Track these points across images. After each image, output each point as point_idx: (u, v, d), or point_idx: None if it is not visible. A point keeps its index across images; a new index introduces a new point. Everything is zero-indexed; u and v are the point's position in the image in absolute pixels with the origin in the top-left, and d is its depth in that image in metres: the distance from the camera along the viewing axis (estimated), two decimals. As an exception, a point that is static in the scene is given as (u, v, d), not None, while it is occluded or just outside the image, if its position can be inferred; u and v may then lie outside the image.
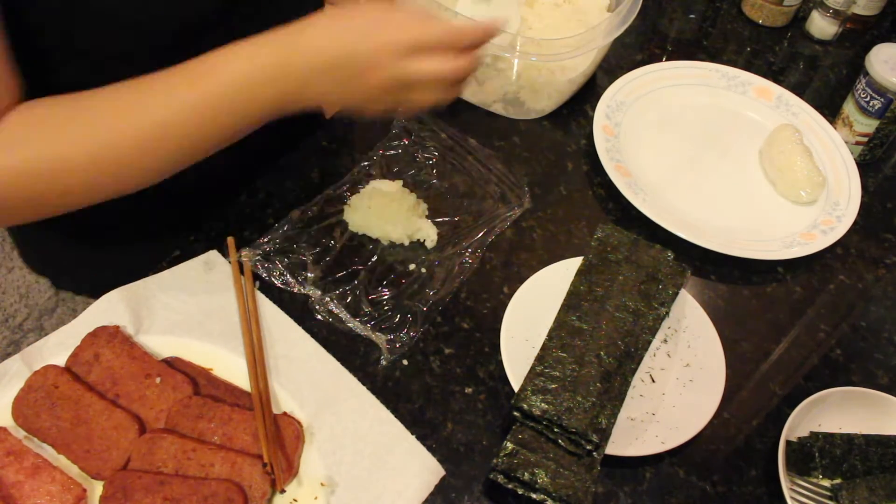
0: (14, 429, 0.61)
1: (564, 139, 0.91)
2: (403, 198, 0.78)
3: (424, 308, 0.72)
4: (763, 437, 0.68)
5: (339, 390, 0.65)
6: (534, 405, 0.61)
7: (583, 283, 0.72)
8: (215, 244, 0.75)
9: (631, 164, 0.87)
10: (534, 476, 0.59)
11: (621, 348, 0.66)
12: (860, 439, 0.65)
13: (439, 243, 0.77)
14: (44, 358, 0.65)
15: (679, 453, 0.66)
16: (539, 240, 0.80)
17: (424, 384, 0.68)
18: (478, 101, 0.92)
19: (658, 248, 0.75)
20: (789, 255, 0.79)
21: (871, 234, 0.86)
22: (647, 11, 1.11)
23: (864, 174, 0.89)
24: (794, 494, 0.63)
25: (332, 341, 0.69)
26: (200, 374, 0.65)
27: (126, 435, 0.60)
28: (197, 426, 0.61)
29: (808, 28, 1.10)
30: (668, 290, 0.72)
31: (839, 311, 0.79)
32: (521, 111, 0.91)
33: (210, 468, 0.59)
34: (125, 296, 0.69)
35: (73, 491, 0.57)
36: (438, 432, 0.65)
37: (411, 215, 0.77)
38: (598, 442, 0.60)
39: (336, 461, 0.61)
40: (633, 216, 0.81)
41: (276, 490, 0.58)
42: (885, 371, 0.74)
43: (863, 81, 0.88)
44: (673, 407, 0.67)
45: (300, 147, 0.85)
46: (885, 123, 0.89)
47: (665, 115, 0.95)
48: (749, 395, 0.71)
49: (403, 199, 0.78)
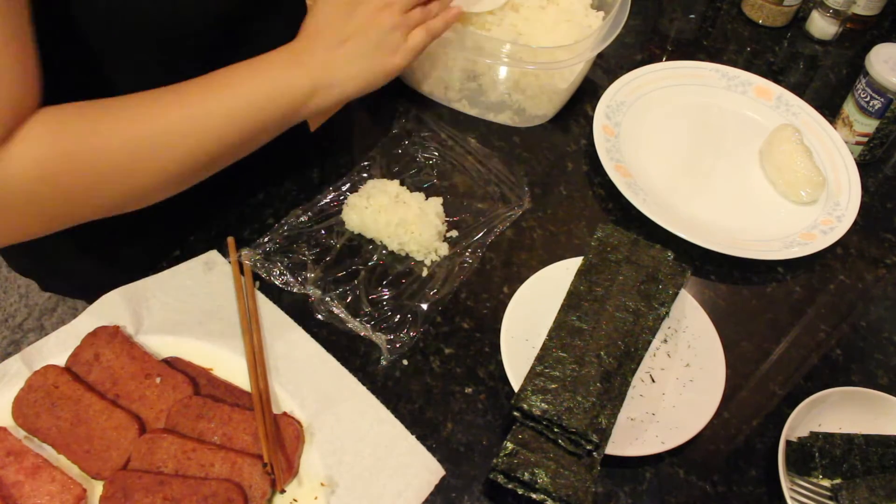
0: (14, 429, 0.61)
1: (564, 139, 0.91)
2: (425, 215, 0.76)
3: (424, 308, 0.72)
4: (763, 437, 0.68)
5: (339, 390, 0.65)
6: (534, 405, 0.61)
7: (583, 283, 0.72)
8: (215, 244, 0.75)
9: (631, 164, 0.87)
10: (534, 476, 0.59)
11: (621, 348, 0.66)
12: (860, 439, 0.65)
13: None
14: (44, 358, 0.65)
15: (679, 453, 0.66)
16: (539, 240, 0.80)
17: (424, 384, 0.68)
18: (478, 112, 0.92)
19: (658, 248, 0.75)
20: (789, 255, 0.79)
21: (871, 234, 0.86)
22: (647, 11, 1.11)
23: (864, 174, 0.89)
24: (794, 494, 0.63)
25: (332, 341, 0.69)
26: (200, 374, 0.65)
27: (126, 435, 0.60)
28: (197, 426, 0.61)
29: (808, 28, 1.10)
30: (668, 290, 0.72)
31: (839, 311, 0.79)
32: (525, 118, 0.91)
33: (210, 468, 0.59)
34: (125, 296, 0.69)
35: (73, 491, 0.57)
36: (438, 432, 0.65)
37: (433, 238, 0.76)
38: (598, 442, 0.60)
39: (336, 461, 0.61)
40: (633, 216, 0.81)
41: (276, 490, 0.58)
42: (885, 371, 0.74)
43: (863, 81, 0.88)
44: (673, 407, 0.67)
45: (300, 147, 0.85)
46: (885, 123, 0.89)
47: (665, 116, 0.95)
48: (749, 395, 0.71)
49: (426, 218, 0.76)
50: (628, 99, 0.94)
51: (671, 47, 1.08)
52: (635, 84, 0.95)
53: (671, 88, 0.97)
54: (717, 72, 0.99)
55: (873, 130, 0.90)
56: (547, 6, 0.90)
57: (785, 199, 0.88)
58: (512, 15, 0.88)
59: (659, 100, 0.96)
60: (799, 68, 1.07)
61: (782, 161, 0.87)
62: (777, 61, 1.07)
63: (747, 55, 1.07)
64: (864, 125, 0.90)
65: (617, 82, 0.94)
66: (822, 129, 0.93)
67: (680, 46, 1.08)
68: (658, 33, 1.10)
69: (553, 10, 0.90)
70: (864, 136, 0.91)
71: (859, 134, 0.91)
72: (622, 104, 0.93)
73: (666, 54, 1.05)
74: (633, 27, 1.08)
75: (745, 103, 0.97)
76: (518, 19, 0.88)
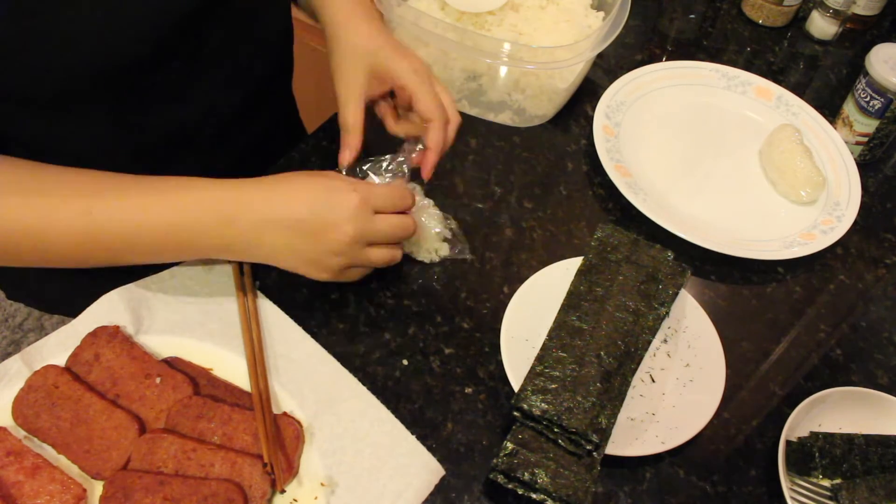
0: (14, 429, 0.61)
1: (564, 139, 0.91)
2: (427, 216, 0.75)
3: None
4: (763, 437, 0.68)
5: (339, 390, 0.65)
6: (534, 405, 0.61)
7: (583, 283, 0.72)
8: (215, 244, 0.75)
9: (631, 164, 0.87)
10: (534, 476, 0.59)
11: (621, 348, 0.66)
12: (860, 439, 0.65)
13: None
14: (44, 358, 0.65)
15: (679, 453, 0.66)
16: (539, 240, 0.80)
17: (424, 384, 0.68)
18: (478, 112, 0.92)
19: (658, 248, 0.75)
20: (789, 255, 0.79)
21: (871, 234, 0.86)
22: (647, 11, 1.11)
23: (864, 174, 0.89)
24: (794, 494, 0.63)
25: (332, 341, 0.69)
26: (200, 374, 0.65)
27: (126, 435, 0.60)
28: (197, 426, 0.61)
29: (808, 28, 1.10)
30: (668, 290, 0.72)
31: (839, 311, 0.79)
32: (525, 118, 0.91)
33: (210, 468, 0.59)
34: (125, 296, 0.69)
35: (73, 491, 0.57)
36: (438, 432, 0.65)
37: (437, 239, 0.76)
38: (598, 442, 0.60)
39: (336, 461, 0.61)
40: (633, 216, 0.81)
41: (276, 490, 0.58)
42: (885, 371, 0.74)
43: (863, 81, 0.88)
44: (673, 407, 0.67)
45: (300, 147, 0.85)
46: (885, 123, 0.89)
47: (665, 115, 0.95)
48: (749, 395, 0.71)
49: (427, 218, 0.75)
50: (628, 99, 0.94)
51: (671, 47, 1.08)
52: (635, 84, 0.95)
53: (671, 88, 0.97)
54: (717, 72, 0.99)
55: (873, 130, 0.90)
56: (547, 6, 0.90)
57: (785, 199, 0.88)
58: (512, 15, 0.88)
59: (659, 100, 0.96)
60: (799, 68, 1.07)
61: (782, 161, 0.87)
62: (777, 61, 1.07)
63: (747, 55, 1.07)
64: (864, 125, 0.90)
65: (617, 82, 0.94)
66: (822, 129, 0.93)
67: (680, 46, 1.08)
68: (658, 33, 1.10)
69: (553, 10, 0.90)
70: (864, 136, 0.91)
71: (859, 134, 0.91)
72: (622, 104, 0.93)
73: (666, 54, 1.05)
74: (633, 27, 1.08)
75: (745, 103, 0.97)
76: (518, 19, 0.88)
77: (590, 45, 0.82)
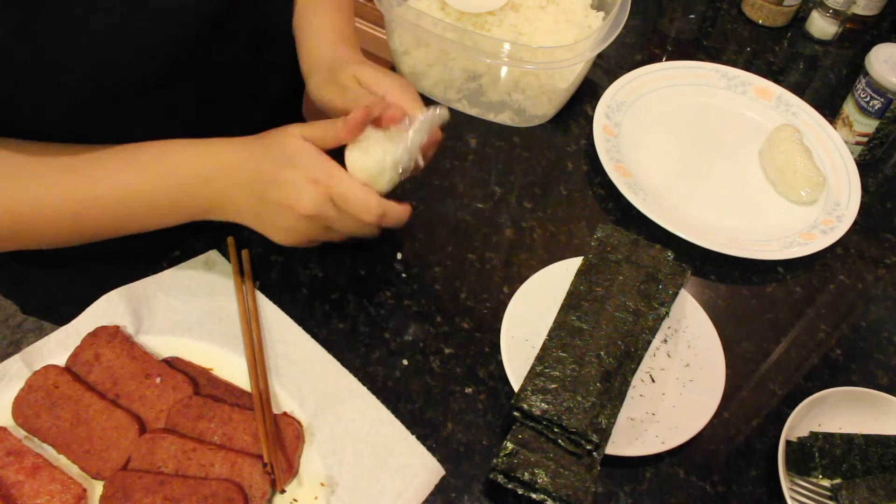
0: (14, 429, 0.61)
1: (564, 139, 0.91)
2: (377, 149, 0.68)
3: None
4: (763, 437, 0.68)
5: (339, 390, 0.65)
6: (534, 405, 0.61)
7: (583, 283, 0.72)
8: (215, 244, 0.75)
9: (631, 164, 0.87)
10: (534, 476, 0.59)
11: (621, 348, 0.66)
12: (860, 439, 0.65)
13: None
14: (44, 358, 0.65)
15: (679, 453, 0.66)
16: (539, 240, 0.80)
17: (424, 384, 0.68)
18: (478, 112, 0.92)
19: (658, 248, 0.75)
20: (789, 255, 0.79)
21: (871, 234, 0.86)
22: (647, 11, 1.11)
23: (864, 174, 0.89)
24: (794, 494, 0.63)
25: (331, 341, 0.69)
26: (200, 374, 0.65)
27: (126, 435, 0.60)
28: (197, 426, 0.61)
29: (808, 28, 1.10)
30: (668, 290, 0.72)
31: (839, 311, 0.79)
32: (525, 118, 0.91)
33: (210, 468, 0.59)
34: (125, 296, 0.69)
35: (73, 491, 0.57)
36: (438, 432, 0.65)
37: (392, 171, 0.67)
38: (598, 442, 0.60)
39: (336, 461, 0.61)
40: (633, 216, 0.81)
41: (276, 490, 0.58)
42: (885, 371, 0.74)
43: (863, 81, 0.88)
44: (673, 407, 0.67)
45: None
46: (885, 123, 0.89)
47: (665, 115, 0.95)
48: (749, 395, 0.71)
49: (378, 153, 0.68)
50: (628, 99, 0.94)
51: (671, 47, 1.08)
52: (635, 84, 0.95)
53: (671, 88, 0.97)
54: (717, 72, 0.99)
55: (873, 130, 0.90)
56: (547, 6, 0.90)
57: (785, 199, 0.88)
58: (512, 15, 0.88)
59: (659, 100, 0.96)
60: (799, 68, 1.07)
61: (782, 161, 0.87)
62: (777, 61, 1.07)
63: (747, 55, 1.07)
64: (864, 125, 0.90)
65: (617, 82, 0.94)
66: (822, 129, 0.93)
67: (680, 46, 1.08)
68: (658, 33, 1.11)
69: (553, 10, 0.90)
70: (864, 136, 0.91)
71: (859, 134, 0.91)
72: (622, 104, 0.93)
73: (666, 54, 1.05)
74: (633, 27, 1.08)
75: (745, 103, 0.97)
76: (518, 19, 0.88)
77: (590, 45, 0.82)
